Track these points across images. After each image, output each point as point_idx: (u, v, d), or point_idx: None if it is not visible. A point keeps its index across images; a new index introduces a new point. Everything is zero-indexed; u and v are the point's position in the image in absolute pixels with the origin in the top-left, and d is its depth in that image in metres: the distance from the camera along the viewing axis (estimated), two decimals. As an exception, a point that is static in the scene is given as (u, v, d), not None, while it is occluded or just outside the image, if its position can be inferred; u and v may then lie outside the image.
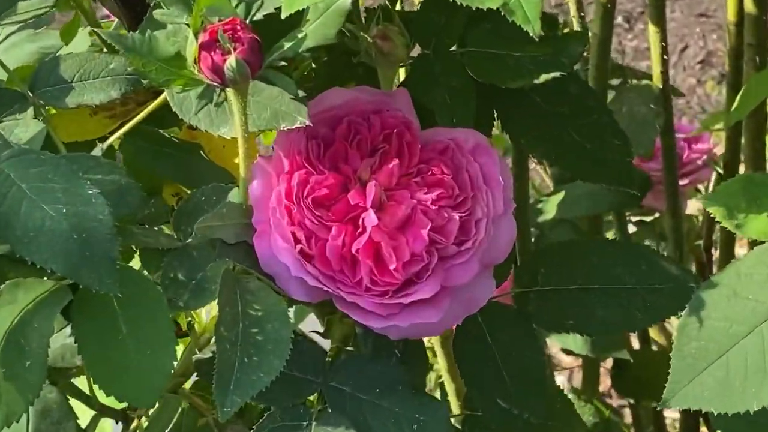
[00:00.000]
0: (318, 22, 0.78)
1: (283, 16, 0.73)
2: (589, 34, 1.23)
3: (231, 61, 0.75)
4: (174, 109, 0.81)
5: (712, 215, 0.83)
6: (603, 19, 1.23)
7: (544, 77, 0.84)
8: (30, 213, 0.72)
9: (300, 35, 0.77)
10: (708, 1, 3.79)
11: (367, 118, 0.83)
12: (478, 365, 0.90)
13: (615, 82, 1.47)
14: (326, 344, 0.88)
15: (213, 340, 0.80)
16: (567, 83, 0.89)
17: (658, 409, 1.25)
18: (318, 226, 0.80)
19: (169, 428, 0.94)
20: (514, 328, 0.92)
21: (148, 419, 0.93)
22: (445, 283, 0.81)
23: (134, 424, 0.93)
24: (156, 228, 0.82)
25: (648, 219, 1.71)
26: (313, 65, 0.94)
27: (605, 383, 1.94)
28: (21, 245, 0.71)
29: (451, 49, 0.86)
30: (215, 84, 0.77)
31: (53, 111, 0.89)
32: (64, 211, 0.72)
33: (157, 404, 0.89)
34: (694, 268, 1.55)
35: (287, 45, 0.77)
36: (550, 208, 1.46)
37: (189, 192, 0.89)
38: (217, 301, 0.75)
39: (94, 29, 0.99)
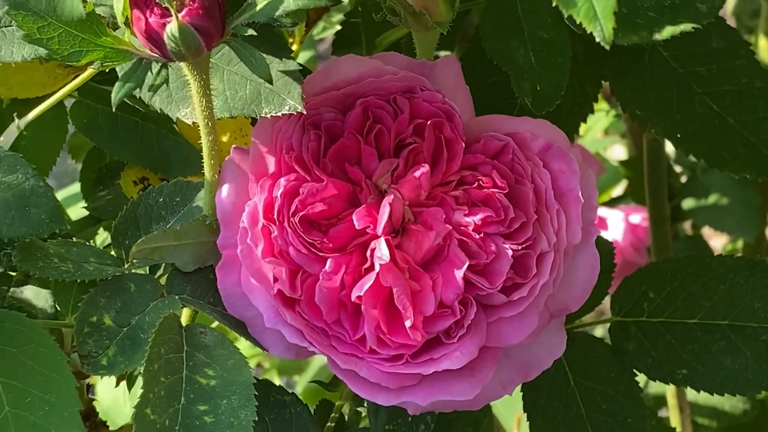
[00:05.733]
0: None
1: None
2: None
3: (172, 27, 0.51)
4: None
5: None
6: None
7: (669, 31, 0.61)
8: None
9: (280, -8, 0.52)
10: None
11: (393, 100, 0.58)
12: (554, 422, 0.70)
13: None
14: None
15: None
16: (708, 35, 0.69)
17: None
18: (307, 257, 0.56)
19: None
20: (607, 372, 0.69)
21: None
22: (489, 343, 0.57)
23: None
24: (88, 243, 0.59)
25: None
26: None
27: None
28: None
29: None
30: (153, 57, 0.53)
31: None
32: None
33: None
34: None
35: (260, 5, 0.52)
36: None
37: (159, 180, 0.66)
38: (143, 366, 0.52)
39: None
